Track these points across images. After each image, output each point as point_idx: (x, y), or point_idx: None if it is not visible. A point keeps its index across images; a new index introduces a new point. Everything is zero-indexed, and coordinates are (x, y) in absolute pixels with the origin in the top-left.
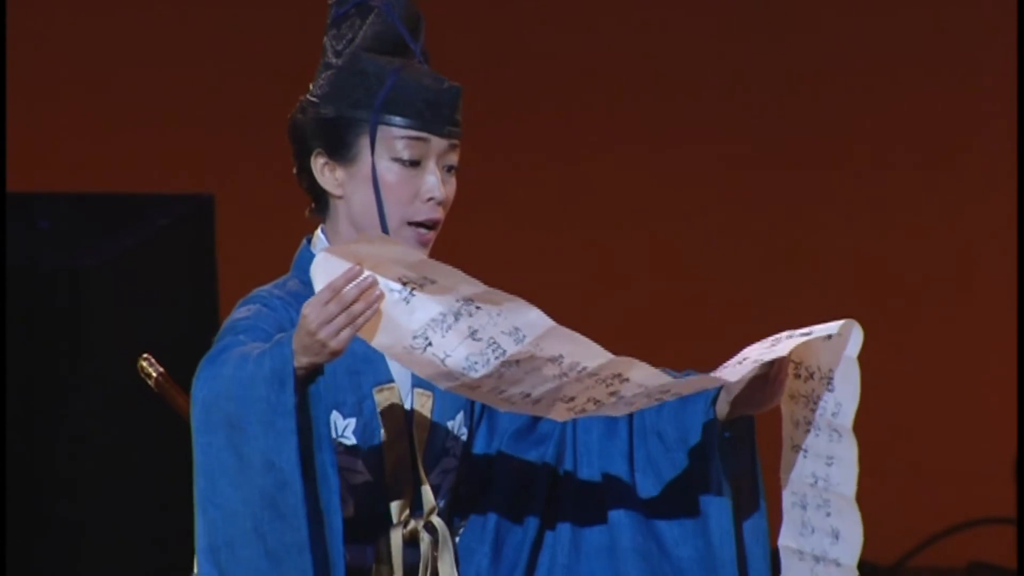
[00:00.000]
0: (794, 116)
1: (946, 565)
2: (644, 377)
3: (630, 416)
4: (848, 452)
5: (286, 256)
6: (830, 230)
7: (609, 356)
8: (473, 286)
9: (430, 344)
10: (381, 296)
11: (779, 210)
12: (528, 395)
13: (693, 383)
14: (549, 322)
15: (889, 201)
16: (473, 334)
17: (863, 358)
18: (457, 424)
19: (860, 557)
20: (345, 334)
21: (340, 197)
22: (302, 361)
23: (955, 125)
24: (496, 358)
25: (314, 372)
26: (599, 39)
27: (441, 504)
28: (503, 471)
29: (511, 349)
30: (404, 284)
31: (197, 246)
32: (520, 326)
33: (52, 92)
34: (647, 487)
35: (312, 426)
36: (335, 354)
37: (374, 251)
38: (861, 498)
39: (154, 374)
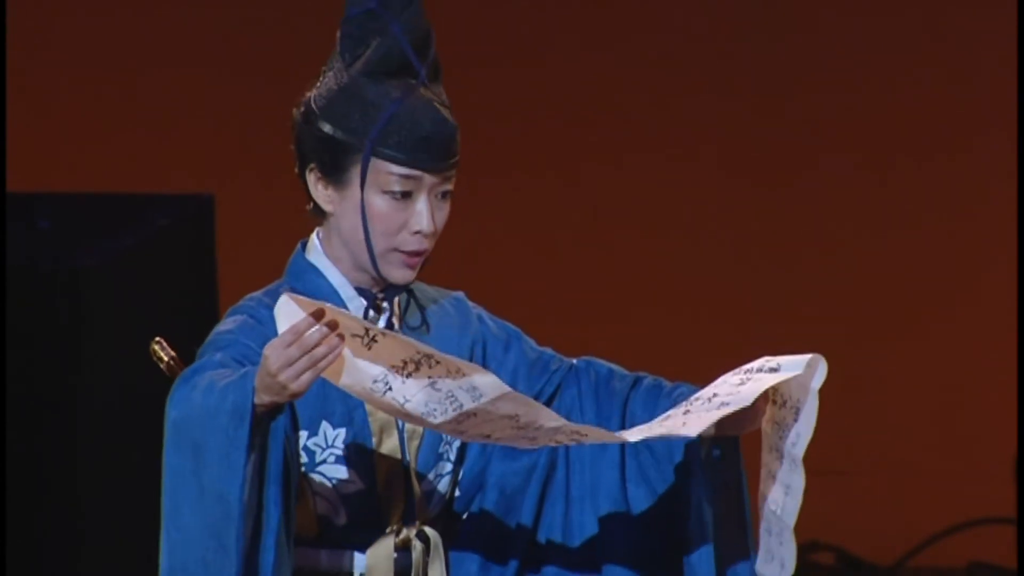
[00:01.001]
0: (794, 120)
1: (946, 565)
2: (603, 437)
3: (622, 426)
4: (798, 483)
5: (286, 257)
6: (830, 233)
7: (563, 421)
8: (431, 348)
9: (390, 388)
10: (342, 342)
11: (779, 213)
12: (487, 435)
13: (655, 432)
14: (505, 388)
15: (889, 202)
16: (432, 384)
17: (864, 357)
18: None
19: (861, 557)
20: (306, 377)
21: (331, 213)
22: (263, 399)
23: (955, 126)
24: (454, 410)
25: (274, 410)
26: (598, 44)
27: (433, 512)
28: (495, 478)
29: (468, 405)
30: (367, 331)
31: (197, 246)
32: (477, 386)
33: (52, 92)
34: (638, 498)
35: (265, 462)
36: (295, 395)
37: (337, 309)
38: (862, 498)
39: (166, 358)
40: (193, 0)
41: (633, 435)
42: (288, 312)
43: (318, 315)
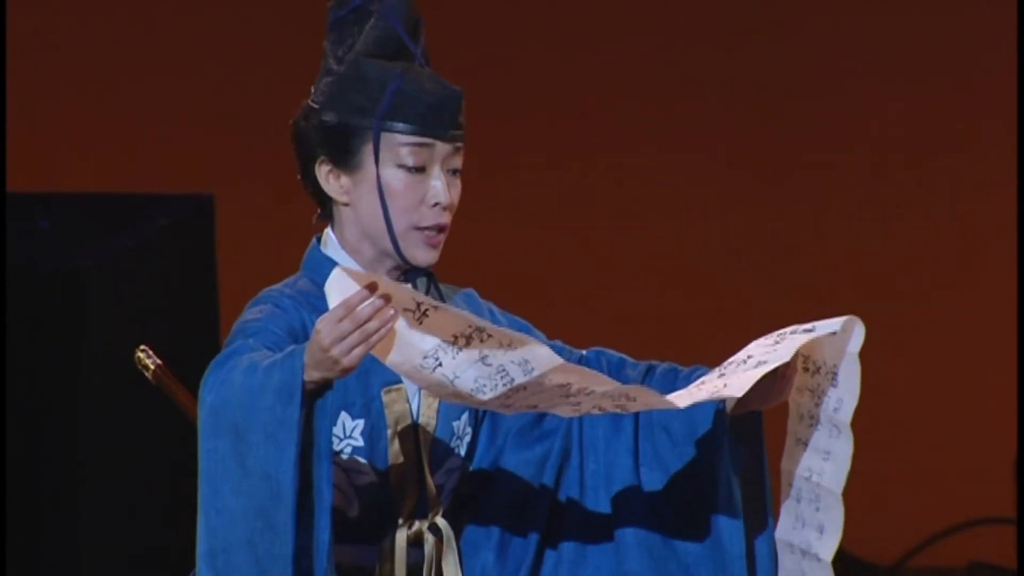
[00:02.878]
0: (794, 117)
1: (946, 565)
2: (651, 401)
3: (636, 411)
4: (844, 448)
5: (286, 256)
6: (830, 231)
7: (617, 384)
8: (484, 321)
9: (440, 365)
10: (395, 315)
11: (779, 211)
12: (534, 405)
13: (698, 396)
14: (558, 359)
15: (889, 202)
16: (484, 359)
17: (864, 358)
18: (462, 424)
19: (861, 557)
20: (358, 352)
21: (346, 204)
22: (313, 375)
23: (955, 125)
24: (504, 385)
25: (324, 387)
26: (600, 42)
27: (446, 504)
28: (508, 469)
29: (519, 379)
30: (418, 305)
31: (197, 246)
32: (529, 359)
33: (52, 92)
34: (653, 482)
35: (314, 440)
36: (346, 371)
37: (389, 282)
38: (861, 498)
39: (151, 366)
40: (193, 1)
41: (681, 399)
42: (341, 286)
43: (371, 288)
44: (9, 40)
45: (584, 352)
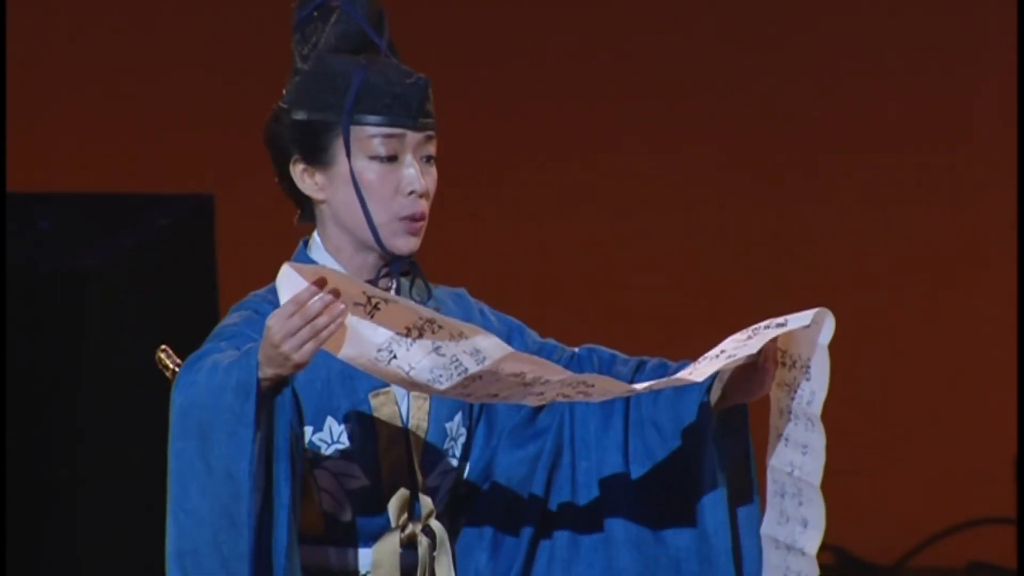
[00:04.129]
0: (793, 116)
1: (946, 565)
2: (610, 388)
3: (626, 408)
4: (819, 441)
5: (286, 256)
6: (829, 231)
7: (568, 373)
8: (434, 312)
9: (395, 357)
10: (345, 310)
11: (777, 208)
12: (495, 395)
13: (658, 384)
14: (507, 348)
15: (889, 201)
16: (437, 349)
17: (864, 358)
18: (455, 426)
19: (860, 557)
20: (308, 347)
21: (323, 201)
22: (267, 372)
23: (955, 123)
24: (459, 375)
25: (279, 384)
26: (597, 38)
27: (439, 507)
28: (501, 468)
29: (472, 369)
30: (369, 299)
31: (197, 246)
32: (480, 348)
33: (52, 92)
34: (643, 478)
35: (273, 437)
36: (298, 367)
37: (339, 275)
38: (861, 498)
39: (171, 366)
40: (193, 1)
41: (639, 385)
42: (290, 282)
43: (320, 283)
44: (9, 40)
45: (576, 350)
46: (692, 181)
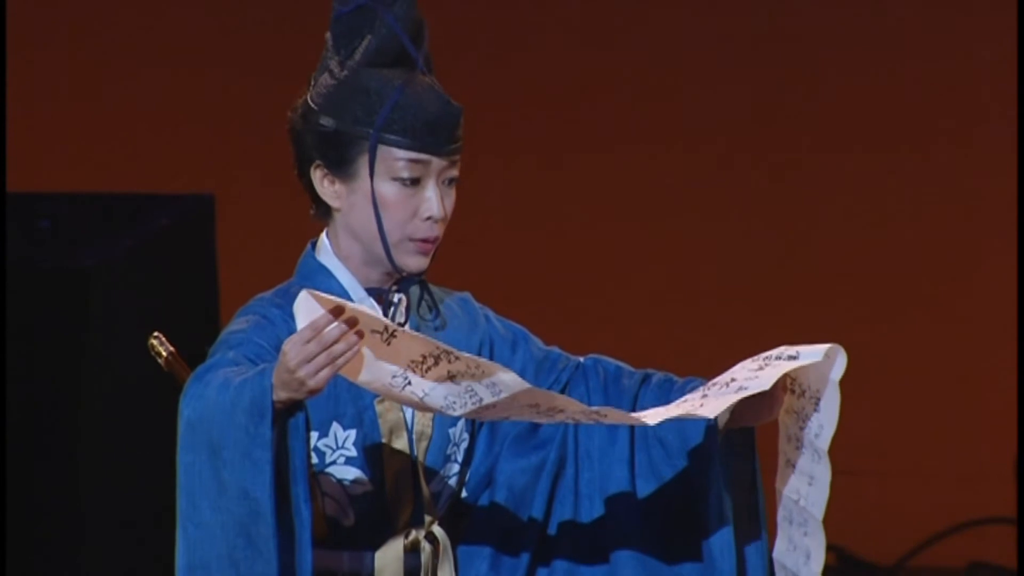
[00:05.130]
0: (793, 115)
1: (946, 565)
2: (622, 418)
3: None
4: (824, 474)
5: (286, 256)
6: (830, 230)
7: (583, 405)
8: (450, 346)
9: (409, 383)
10: (362, 337)
11: (778, 210)
12: (506, 417)
13: (671, 414)
14: (525, 384)
15: (889, 201)
16: (452, 378)
17: (864, 358)
18: (458, 432)
19: (860, 557)
20: (324, 374)
21: (339, 209)
22: (280, 395)
23: (955, 122)
24: (473, 404)
25: (293, 407)
26: (597, 39)
27: (443, 511)
28: (504, 477)
29: (487, 399)
30: (386, 327)
31: (197, 246)
32: (497, 382)
33: (52, 92)
34: (648, 493)
35: (289, 459)
36: (313, 392)
37: (356, 307)
38: (861, 498)
39: (164, 352)
40: (193, 1)
41: (652, 417)
42: (308, 308)
43: (337, 312)
44: (9, 40)
45: (581, 360)
46: (692, 181)
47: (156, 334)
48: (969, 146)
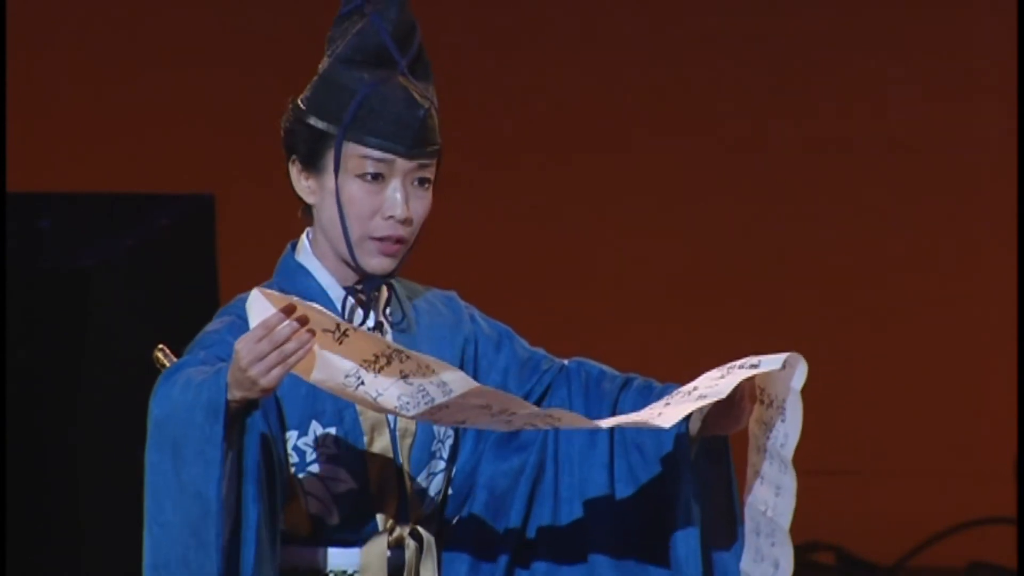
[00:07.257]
0: (793, 115)
1: (946, 565)
2: (576, 422)
3: (611, 428)
4: (790, 484)
5: None
6: (829, 230)
7: (534, 407)
8: (402, 346)
9: (362, 383)
10: (313, 337)
11: (777, 210)
12: (462, 421)
13: (626, 421)
14: (472, 383)
15: (889, 200)
16: (404, 378)
17: (864, 358)
18: (442, 429)
19: (860, 557)
20: (276, 372)
21: (314, 205)
22: (235, 395)
23: (954, 122)
24: (426, 404)
25: (248, 406)
26: (597, 39)
27: (428, 509)
28: (485, 479)
29: (439, 399)
30: (338, 326)
31: (197, 246)
32: (446, 381)
33: (52, 92)
34: (627, 499)
35: (242, 459)
36: (266, 391)
37: (308, 304)
38: (861, 498)
39: (168, 364)
40: (193, 1)
41: (606, 422)
42: (259, 307)
43: (289, 310)
44: (9, 40)
45: (565, 362)
46: (690, 181)
47: (160, 346)
48: (970, 148)
